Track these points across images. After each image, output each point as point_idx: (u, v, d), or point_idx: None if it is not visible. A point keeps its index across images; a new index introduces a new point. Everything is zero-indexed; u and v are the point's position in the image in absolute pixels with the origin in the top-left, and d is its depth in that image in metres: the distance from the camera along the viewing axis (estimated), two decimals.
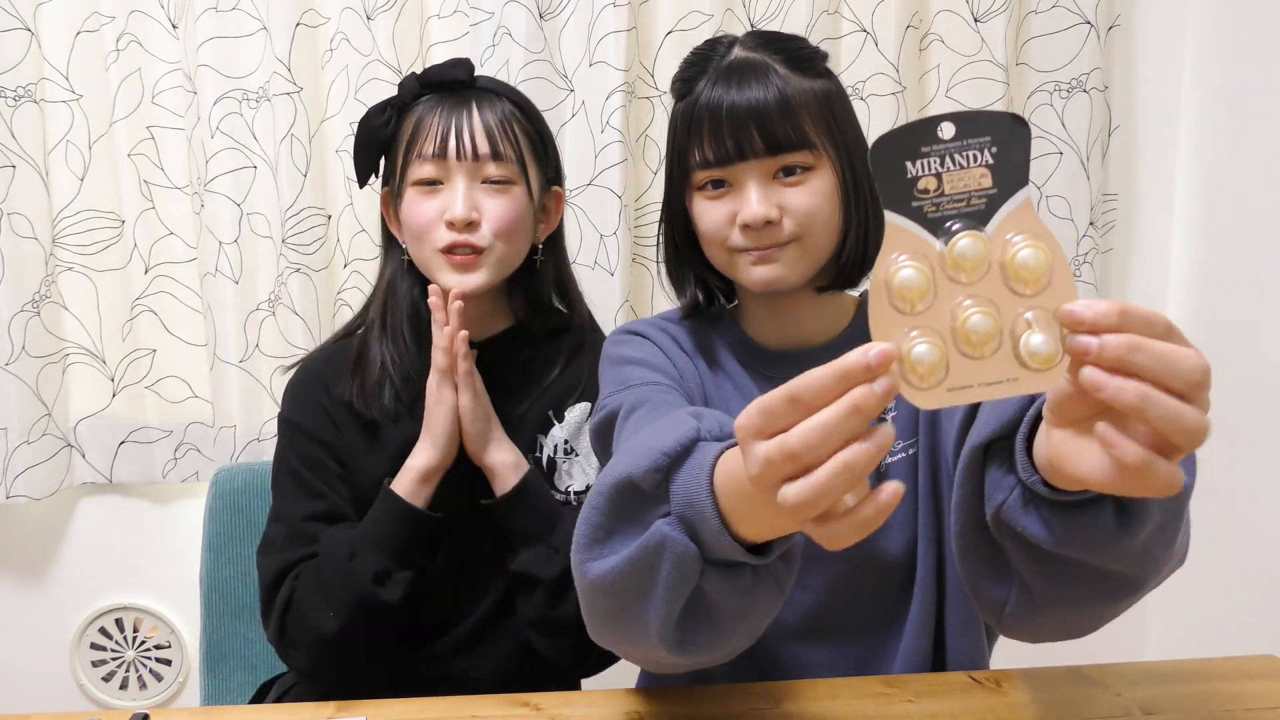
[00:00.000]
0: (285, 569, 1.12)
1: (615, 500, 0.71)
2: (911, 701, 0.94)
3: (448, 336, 1.09)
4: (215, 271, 1.61)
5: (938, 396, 0.52)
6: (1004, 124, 0.52)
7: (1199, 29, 1.70)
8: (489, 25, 1.59)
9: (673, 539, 0.68)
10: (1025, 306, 0.50)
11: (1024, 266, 0.50)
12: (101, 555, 1.77)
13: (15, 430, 1.62)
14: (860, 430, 0.51)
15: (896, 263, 0.51)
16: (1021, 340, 0.50)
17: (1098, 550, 0.68)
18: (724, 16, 1.60)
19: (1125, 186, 1.74)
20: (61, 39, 1.60)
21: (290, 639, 1.11)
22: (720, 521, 0.65)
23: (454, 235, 1.10)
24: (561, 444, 1.19)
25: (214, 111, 1.57)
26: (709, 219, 0.99)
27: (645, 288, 1.69)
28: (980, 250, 0.51)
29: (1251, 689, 0.96)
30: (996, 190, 0.51)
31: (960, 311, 0.51)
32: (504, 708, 0.95)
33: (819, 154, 0.97)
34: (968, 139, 0.51)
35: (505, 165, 1.12)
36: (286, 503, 1.16)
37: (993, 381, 0.51)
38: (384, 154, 1.18)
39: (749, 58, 0.98)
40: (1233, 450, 1.66)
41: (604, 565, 0.72)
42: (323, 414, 1.18)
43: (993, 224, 0.51)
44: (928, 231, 0.51)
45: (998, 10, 1.61)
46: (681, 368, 1.05)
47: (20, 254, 1.60)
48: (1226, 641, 1.66)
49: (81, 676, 1.80)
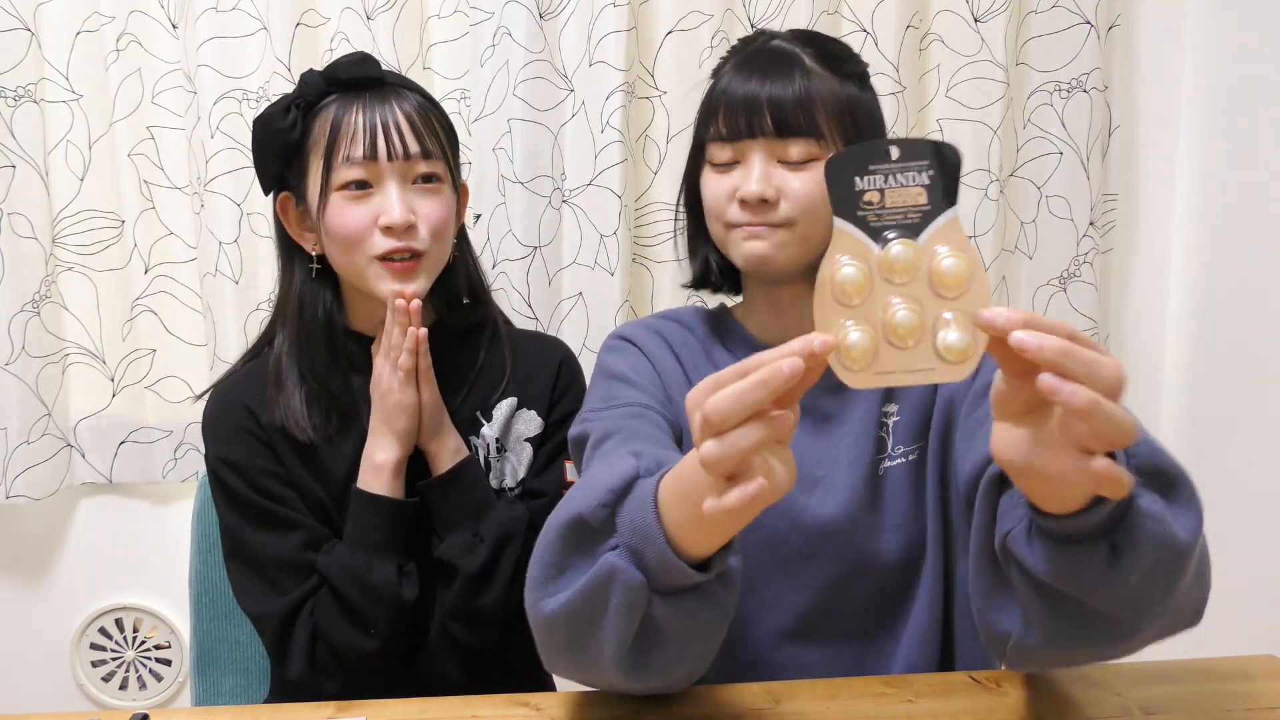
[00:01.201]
0: (295, 608, 1.09)
1: (567, 537, 0.75)
2: (911, 701, 0.94)
3: (413, 338, 1.07)
4: (215, 271, 1.61)
5: (865, 379, 0.60)
6: (941, 151, 0.60)
7: (1199, 29, 1.70)
8: (489, 25, 1.59)
9: (620, 567, 0.71)
10: (945, 308, 0.59)
11: (947, 274, 0.58)
12: (101, 555, 1.78)
13: (15, 430, 1.62)
14: (766, 403, 0.58)
15: (840, 262, 0.60)
16: (939, 336, 0.58)
17: (1088, 588, 0.70)
18: (724, 16, 1.60)
19: (1125, 186, 1.74)
20: (61, 39, 1.60)
21: (325, 670, 1.09)
22: (664, 538, 0.69)
23: (392, 241, 1.06)
24: (493, 443, 1.18)
25: (214, 111, 1.57)
26: (712, 191, 1.02)
27: (645, 288, 1.69)
28: (911, 257, 0.59)
29: (1251, 689, 0.96)
30: (930, 207, 0.59)
31: (891, 308, 0.59)
32: (504, 708, 0.94)
33: (826, 146, 0.98)
34: (909, 162, 0.59)
35: (433, 162, 1.10)
36: (255, 544, 1.11)
37: (913, 369, 0.59)
38: (292, 157, 1.12)
39: (781, 47, 1.00)
40: (1233, 450, 1.66)
41: (557, 600, 0.75)
42: (256, 443, 1.13)
43: (924, 236, 0.59)
44: (869, 237, 0.60)
45: (998, 10, 1.61)
46: (668, 376, 1.06)
47: (20, 254, 1.60)
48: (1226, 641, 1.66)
49: (81, 676, 1.81)
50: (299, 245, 1.14)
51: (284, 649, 1.09)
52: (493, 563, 1.10)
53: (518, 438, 1.19)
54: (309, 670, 1.09)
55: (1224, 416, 1.69)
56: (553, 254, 1.64)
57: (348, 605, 1.07)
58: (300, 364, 1.13)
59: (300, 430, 1.12)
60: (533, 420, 1.20)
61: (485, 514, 1.12)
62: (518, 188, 1.61)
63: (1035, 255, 1.70)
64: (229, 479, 1.12)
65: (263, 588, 1.11)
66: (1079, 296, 1.68)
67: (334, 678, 1.09)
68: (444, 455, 1.13)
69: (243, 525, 1.12)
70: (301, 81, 1.11)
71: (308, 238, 1.13)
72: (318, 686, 1.10)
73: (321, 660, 1.09)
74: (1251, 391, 1.61)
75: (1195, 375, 1.75)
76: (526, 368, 1.21)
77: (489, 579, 1.09)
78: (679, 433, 1.02)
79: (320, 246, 1.13)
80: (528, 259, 1.63)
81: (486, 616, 1.10)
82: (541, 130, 1.61)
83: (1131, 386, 2.00)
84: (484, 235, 1.64)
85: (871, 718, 0.91)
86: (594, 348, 1.63)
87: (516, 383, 1.20)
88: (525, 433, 1.19)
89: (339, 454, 1.14)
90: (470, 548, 1.10)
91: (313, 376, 1.13)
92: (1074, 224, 1.67)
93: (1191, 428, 1.75)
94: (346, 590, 1.07)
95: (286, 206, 1.14)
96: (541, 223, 1.63)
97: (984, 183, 1.65)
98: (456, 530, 1.11)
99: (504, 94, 1.60)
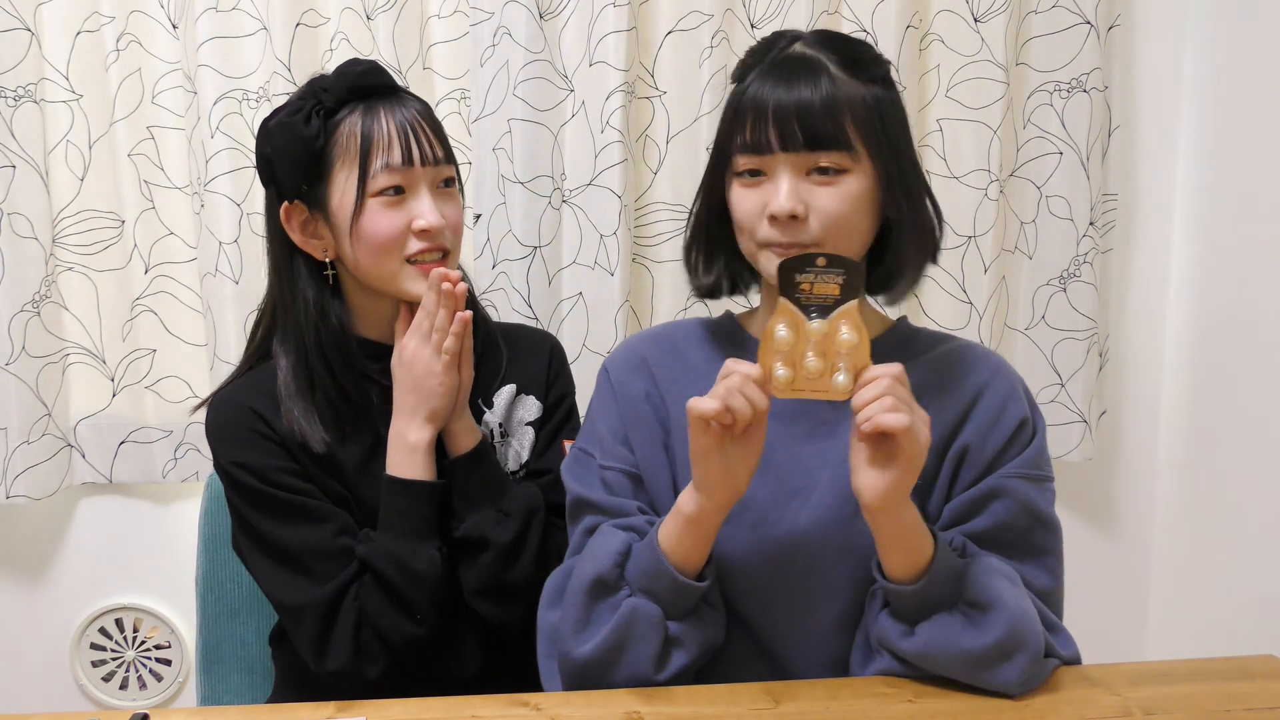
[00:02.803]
0: (339, 594, 1.10)
1: (590, 594, 0.98)
2: (912, 701, 0.94)
3: (461, 321, 1.10)
4: (215, 271, 1.61)
5: (787, 394, 0.92)
6: (850, 265, 0.91)
7: (1199, 29, 1.70)
8: (489, 25, 1.59)
9: (641, 606, 0.97)
10: (839, 360, 0.91)
11: (842, 340, 0.90)
12: (101, 555, 1.78)
13: (15, 430, 1.62)
14: (728, 391, 0.90)
15: (780, 326, 0.91)
16: (833, 378, 0.91)
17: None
18: (724, 16, 1.60)
19: (1125, 186, 1.74)
20: (61, 39, 1.60)
21: (369, 656, 1.10)
22: (669, 565, 0.96)
23: (424, 243, 1.11)
24: (496, 429, 1.21)
25: (214, 111, 1.57)
26: (743, 207, 1.01)
27: (645, 288, 1.69)
28: (823, 328, 0.91)
29: (1251, 689, 0.97)
30: (840, 297, 0.91)
31: (806, 356, 0.91)
32: (504, 708, 0.95)
33: (857, 156, 0.97)
34: (830, 269, 0.91)
35: (453, 166, 1.16)
36: (291, 538, 1.11)
37: (818, 390, 0.91)
38: (314, 165, 1.11)
39: (805, 54, 0.99)
40: (1233, 450, 1.66)
41: (591, 644, 0.97)
42: (273, 446, 1.12)
43: (832, 315, 0.91)
44: (801, 312, 0.91)
45: (998, 10, 1.61)
46: (633, 414, 1.09)
47: (20, 254, 1.60)
48: (1226, 641, 1.67)
49: (81, 676, 1.81)
50: (301, 253, 1.14)
51: (327, 637, 1.09)
52: (523, 535, 1.13)
53: (519, 422, 1.23)
54: (354, 657, 1.09)
55: (1223, 416, 1.69)
56: (553, 254, 1.64)
57: (395, 592, 1.08)
58: (312, 373, 1.13)
59: (316, 442, 1.12)
60: (533, 405, 1.24)
61: (506, 490, 1.15)
62: (518, 188, 1.61)
63: (1035, 255, 1.70)
64: (246, 480, 1.12)
65: (300, 579, 1.10)
66: (1079, 296, 1.68)
67: (377, 663, 1.10)
68: (464, 435, 1.15)
69: (270, 522, 1.12)
70: (316, 88, 1.11)
71: (315, 245, 1.13)
72: (360, 673, 1.10)
73: (366, 645, 1.10)
74: (1251, 391, 1.61)
75: (1195, 375, 1.75)
76: (522, 355, 1.26)
77: (519, 551, 1.12)
78: (636, 470, 1.08)
79: (333, 253, 1.13)
80: (528, 259, 1.63)
81: (514, 590, 1.13)
82: (541, 130, 1.61)
83: (1131, 386, 2.00)
84: (484, 235, 1.64)
85: (872, 718, 0.92)
86: (594, 348, 1.63)
87: (514, 370, 1.24)
88: (526, 417, 1.23)
89: (350, 453, 1.15)
90: (498, 521, 1.13)
91: (329, 384, 1.13)
92: (1074, 224, 1.67)
93: (1191, 427, 1.76)
94: (393, 577, 1.08)
95: (290, 215, 1.13)
96: (541, 223, 1.63)
97: (984, 183, 1.65)
98: (480, 508, 1.13)
99: (504, 94, 1.60)
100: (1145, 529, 1.85)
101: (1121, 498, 1.84)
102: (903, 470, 0.88)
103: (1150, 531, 1.85)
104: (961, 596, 0.95)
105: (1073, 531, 1.66)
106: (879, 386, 0.88)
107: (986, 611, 0.93)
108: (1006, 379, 1.05)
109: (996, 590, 0.94)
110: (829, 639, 1.03)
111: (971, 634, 0.93)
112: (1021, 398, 1.04)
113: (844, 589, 1.02)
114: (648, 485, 1.08)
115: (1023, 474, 1.00)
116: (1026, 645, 0.94)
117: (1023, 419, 1.03)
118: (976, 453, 1.01)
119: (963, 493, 1.02)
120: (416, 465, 1.11)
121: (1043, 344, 1.71)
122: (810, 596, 1.03)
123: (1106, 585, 1.85)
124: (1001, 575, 0.96)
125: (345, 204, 1.10)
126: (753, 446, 0.93)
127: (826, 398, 0.91)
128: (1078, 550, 1.52)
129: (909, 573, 0.94)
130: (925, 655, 0.94)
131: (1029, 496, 1.00)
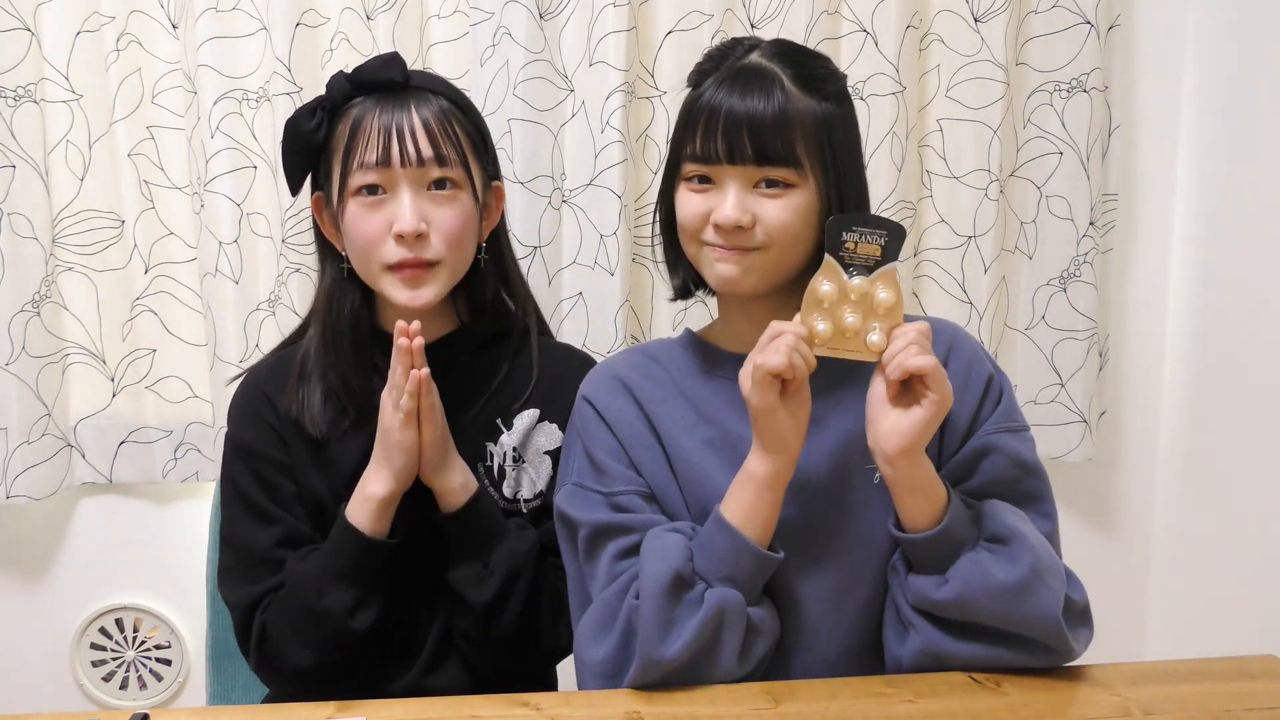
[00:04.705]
0: (254, 602, 1.10)
1: (669, 594, 0.96)
2: (912, 701, 0.94)
3: (415, 380, 1.03)
4: (215, 271, 1.61)
5: (824, 352, 0.95)
6: (894, 228, 0.95)
7: (1199, 29, 1.70)
8: (489, 25, 1.59)
9: (726, 595, 0.97)
10: (875, 319, 0.95)
11: (880, 300, 0.95)
12: (101, 555, 1.77)
13: (15, 430, 1.62)
14: (789, 349, 0.93)
15: (823, 280, 0.95)
16: (867, 337, 0.95)
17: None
18: (724, 16, 1.60)
19: (1125, 186, 1.74)
20: (61, 39, 1.60)
21: (271, 669, 1.10)
22: (750, 541, 0.97)
23: (403, 252, 1.06)
24: (510, 452, 1.17)
25: (214, 111, 1.57)
26: (687, 210, 1.03)
27: (645, 288, 1.69)
28: (863, 286, 0.95)
29: (1251, 689, 0.97)
30: (881, 259, 0.95)
31: (845, 313, 0.95)
32: (504, 708, 0.95)
33: (804, 174, 0.99)
34: (874, 229, 0.94)
35: (449, 168, 1.08)
36: (240, 531, 1.13)
37: (851, 350, 0.96)
38: (318, 158, 1.12)
39: (761, 65, 1.00)
40: (1233, 450, 1.66)
41: (678, 644, 0.95)
42: (271, 432, 1.14)
43: (874, 274, 0.95)
44: (843, 269, 0.95)
45: (998, 10, 1.61)
46: (629, 436, 1.07)
47: (20, 254, 1.60)
48: (1226, 641, 1.67)
49: (81, 676, 1.81)
50: (331, 243, 1.15)
51: (243, 638, 1.12)
52: (503, 596, 1.09)
53: (537, 450, 1.18)
54: (260, 666, 1.11)
55: (1223, 416, 1.69)
56: (553, 254, 1.64)
57: (293, 618, 1.08)
58: (325, 360, 1.14)
59: (314, 425, 1.13)
60: (554, 434, 1.19)
61: (495, 545, 1.10)
62: (518, 188, 1.61)
63: (1035, 255, 1.69)
64: (236, 462, 1.14)
65: (230, 574, 1.13)
66: (1079, 296, 1.68)
67: (280, 677, 1.11)
68: (452, 493, 1.10)
69: (236, 511, 1.14)
70: (330, 84, 1.12)
71: (338, 237, 1.14)
72: (267, 680, 1.12)
73: (268, 660, 1.10)
74: (1251, 391, 1.61)
75: (1195, 375, 1.75)
76: (552, 379, 1.19)
77: (500, 611, 1.09)
78: (648, 489, 1.07)
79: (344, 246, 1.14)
80: (528, 259, 1.63)
81: (496, 643, 1.10)
82: (541, 130, 1.61)
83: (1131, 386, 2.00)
84: None
85: (872, 718, 0.92)
86: (594, 348, 1.63)
87: (540, 394, 1.19)
88: (545, 445, 1.18)
89: (347, 451, 1.14)
90: (480, 579, 1.09)
91: (335, 373, 1.14)
92: (1074, 224, 1.67)
93: (1191, 427, 1.76)
94: (295, 604, 1.08)
95: (320, 205, 1.15)
96: (541, 223, 1.63)
97: (984, 183, 1.65)
98: (467, 560, 1.10)
99: (504, 94, 1.60)
100: (1145, 529, 1.85)
101: (1121, 498, 1.84)
102: (928, 411, 0.93)
103: (1150, 531, 1.85)
104: (982, 534, 0.98)
105: (1073, 531, 1.66)
106: (907, 336, 0.93)
107: (1009, 544, 0.96)
108: (966, 343, 1.08)
109: (1014, 523, 0.97)
110: (854, 623, 1.04)
111: (1003, 566, 0.95)
112: (983, 357, 1.08)
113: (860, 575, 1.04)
114: (661, 503, 1.07)
115: (1003, 428, 1.05)
116: (1055, 569, 0.97)
117: (989, 377, 1.07)
118: (955, 418, 1.03)
119: (951, 458, 1.04)
120: (366, 516, 1.08)
121: (1043, 344, 1.71)
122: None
123: (1106, 585, 1.85)
124: (1012, 512, 0.99)
125: (335, 199, 1.10)
126: (803, 402, 0.96)
127: (858, 358, 0.95)
128: (1078, 550, 1.50)
129: (929, 519, 0.96)
130: (963, 598, 0.95)
131: (1013, 448, 1.04)
